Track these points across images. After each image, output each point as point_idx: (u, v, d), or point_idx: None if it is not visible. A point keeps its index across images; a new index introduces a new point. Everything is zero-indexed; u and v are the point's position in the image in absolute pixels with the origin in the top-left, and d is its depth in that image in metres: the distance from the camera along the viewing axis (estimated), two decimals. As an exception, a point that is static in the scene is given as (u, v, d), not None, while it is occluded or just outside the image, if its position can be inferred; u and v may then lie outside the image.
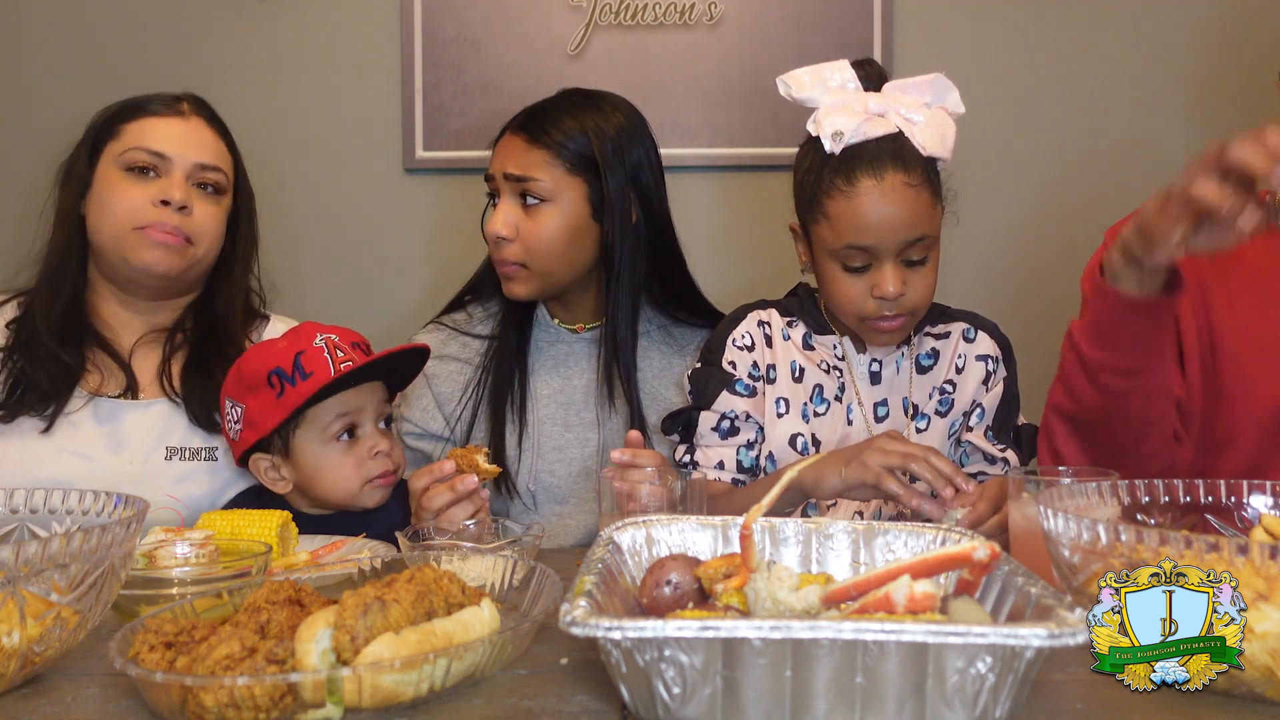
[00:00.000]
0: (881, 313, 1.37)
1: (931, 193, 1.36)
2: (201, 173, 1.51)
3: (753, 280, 1.75)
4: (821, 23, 2.13)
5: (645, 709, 0.74)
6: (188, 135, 1.52)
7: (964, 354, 1.49)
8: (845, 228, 1.34)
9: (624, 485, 1.19)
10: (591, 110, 1.57)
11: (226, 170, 1.55)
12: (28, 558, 0.78)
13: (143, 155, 1.49)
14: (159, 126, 1.51)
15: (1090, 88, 2.16)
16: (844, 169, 1.33)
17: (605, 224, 1.56)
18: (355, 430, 1.41)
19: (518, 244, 1.54)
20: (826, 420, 1.46)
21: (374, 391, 1.43)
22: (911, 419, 1.46)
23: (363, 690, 0.75)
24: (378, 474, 1.41)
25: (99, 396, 1.49)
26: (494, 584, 1.01)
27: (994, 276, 2.17)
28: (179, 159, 1.50)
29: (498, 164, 1.57)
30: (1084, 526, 0.84)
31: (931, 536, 0.97)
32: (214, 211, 1.53)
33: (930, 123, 1.35)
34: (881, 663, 0.70)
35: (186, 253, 1.50)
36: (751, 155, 2.15)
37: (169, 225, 1.47)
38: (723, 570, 0.89)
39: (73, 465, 1.44)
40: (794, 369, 1.48)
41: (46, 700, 0.81)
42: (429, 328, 1.68)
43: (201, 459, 1.50)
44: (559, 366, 1.64)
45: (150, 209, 1.47)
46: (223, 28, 2.18)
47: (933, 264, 1.39)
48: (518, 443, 1.59)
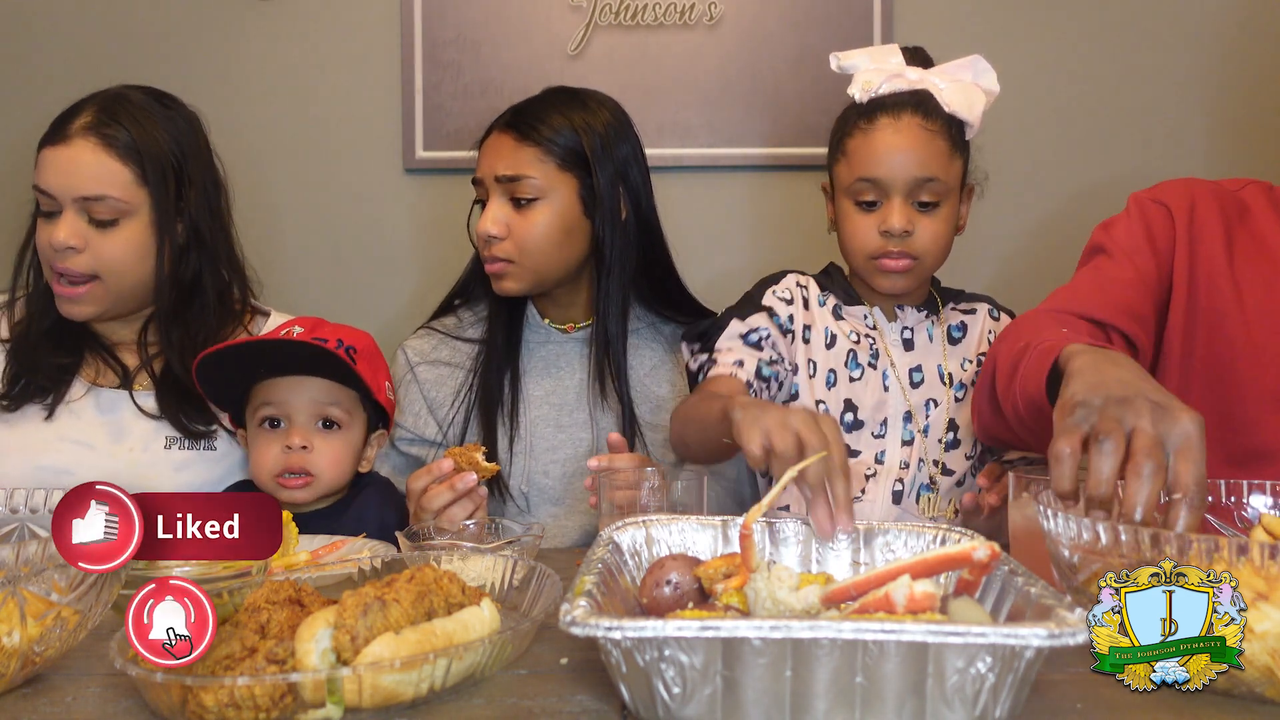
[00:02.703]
0: (887, 249, 1.41)
1: (949, 143, 1.41)
2: (87, 205, 1.42)
3: (752, 280, 1.74)
4: (821, 23, 2.13)
5: (645, 709, 0.74)
6: (69, 164, 1.42)
7: (993, 330, 1.54)
8: (859, 161, 1.41)
9: (620, 493, 1.19)
10: (578, 107, 1.57)
11: (118, 194, 1.43)
12: (28, 558, 0.78)
13: (39, 194, 1.45)
14: (47, 159, 1.44)
15: (1090, 88, 2.16)
16: (867, 112, 1.42)
17: (596, 220, 1.56)
18: (282, 422, 1.42)
19: (509, 241, 1.54)
20: (862, 385, 1.48)
21: (310, 390, 1.41)
22: (949, 386, 1.49)
23: (363, 690, 0.75)
24: (282, 468, 1.40)
25: (98, 386, 1.50)
26: (494, 584, 1.01)
27: (993, 271, 2.17)
28: (63, 195, 1.42)
29: (486, 166, 1.56)
30: (1084, 526, 0.84)
31: (931, 536, 0.97)
32: (116, 240, 1.44)
33: (959, 87, 1.42)
34: (881, 663, 0.70)
35: (95, 293, 1.45)
36: (751, 155, 2.15)
37: (61, 268, 1.43)
38: (723, 570, 0.89)
39: (75, 454, 1.45)
40: (827, 335, 1.50)
41: (46, 700, 0.81)
42: (419, 333, 1.68)
43: (200, 447, 1.51)
44: (550, 367, 1.64)
45: (51, 252, 1.43)
46: (223, 28, 2.17)
47: (945, 216, 1.43)
48: (510, 445, 1.59)
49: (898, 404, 1.48)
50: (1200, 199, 1.43)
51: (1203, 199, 1.44)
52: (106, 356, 1.52)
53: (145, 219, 1.46)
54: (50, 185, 1.43)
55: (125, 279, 1.46)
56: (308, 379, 1.42)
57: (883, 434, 1.47)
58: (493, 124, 1.60)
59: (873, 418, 1.47)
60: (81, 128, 1.44)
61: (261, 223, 1.63)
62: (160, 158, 1.47)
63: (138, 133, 1.46)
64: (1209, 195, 1.44)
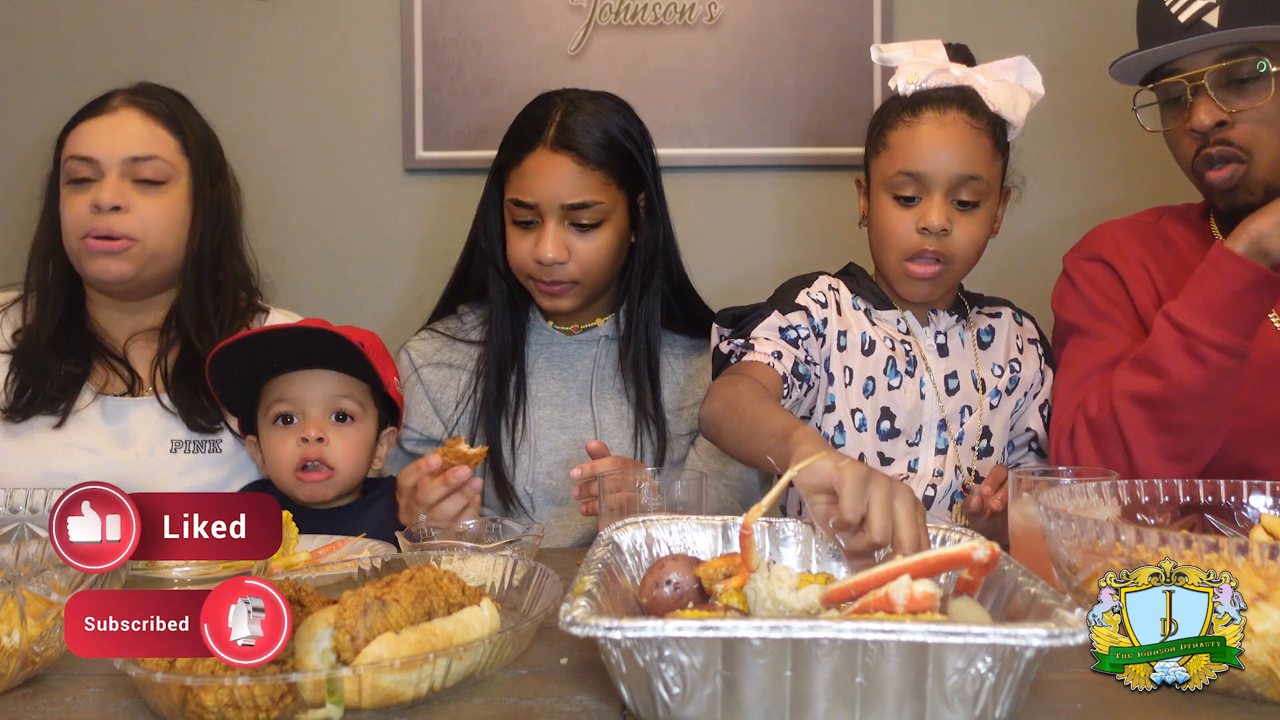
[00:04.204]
0: (923, 247, 1.38)
1: (993, 143, 1.39)
2: (134, 166, 1.46)
3: (752, 280, 1.75)
4: (821, 23, 2.13)
5: (645, 709, 0.74)
6: (115, 130, 1.46)
7: (1019, 335, 1.53)
8: (901, 154, 1.38)
9: (614, 495, 1.19)
10: (621, 118, 1.55)
11: (166, 156, 1.48)
12: (28, 558, 0.78)
13: (76, 164, 1.46)
14: (86, 130, 1.47)
15: (1090, 88, 2.16)
16: (911, 104, 1.39)
17: (649, 230, 1.56)
18: (295, 418, 1.43)
19: (572, 264, 1.51)
20: (900, 393, 1.44)
21: (322, 383, 1.43)
22: (983, 393, 1.47)
23: (363, 690, 0.75)
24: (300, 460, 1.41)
25: (105, 395, 1.50)
26: (494, 584, 1.01)
27: (994, 270, 2.17)
28: (107, 158, 1.45)
29: (545, 191, 1.48)
30: (1084, 526, 0.85)
31: (931, 536, 0.97)
32: (159, 203, 1.47)
33: (1003, 87, 1.40)
34: (881, 663, 0.70)
35: (134, 253, 1.46)
36: (751, 155, 2.15)
37: (104, 230, 1.44)
38: (723, 570, 0.89)
39: (82, 460, 1.45)
40: (865, 341, 1.45)
41: (46, 700, 0.81)
42: (421, 335, 1.68)
43: (205, 451, 1.51)
44: (553, 369, 1.64)
45: (88, 217, 1.45)
46: (223, 27, 2.17)
47: (983, 218, 1.40)
48: (514, 447, 1.59)
49: (933, 411, 1.44)
50: (1124, 242, 1.50)
51: (1127, 241, 1.50)
52: (114, 363, 1.52)
53: (184, 189, 1.50)
54: (95, 149, 1.45)
55: (164, 244, 1.48)
56: (319, 372, 1.43)
57: (917, 442, 1.44)
58: (528, 140, 1.52)
59: (908, 426, 1.44)
60: (123, 100, 1.50)
61: (261, 222, 1.63)
62: (196, 134, 1.53)
63: (176, 106, 1.53)
64: (1130, 236, 1.51)
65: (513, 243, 1.54)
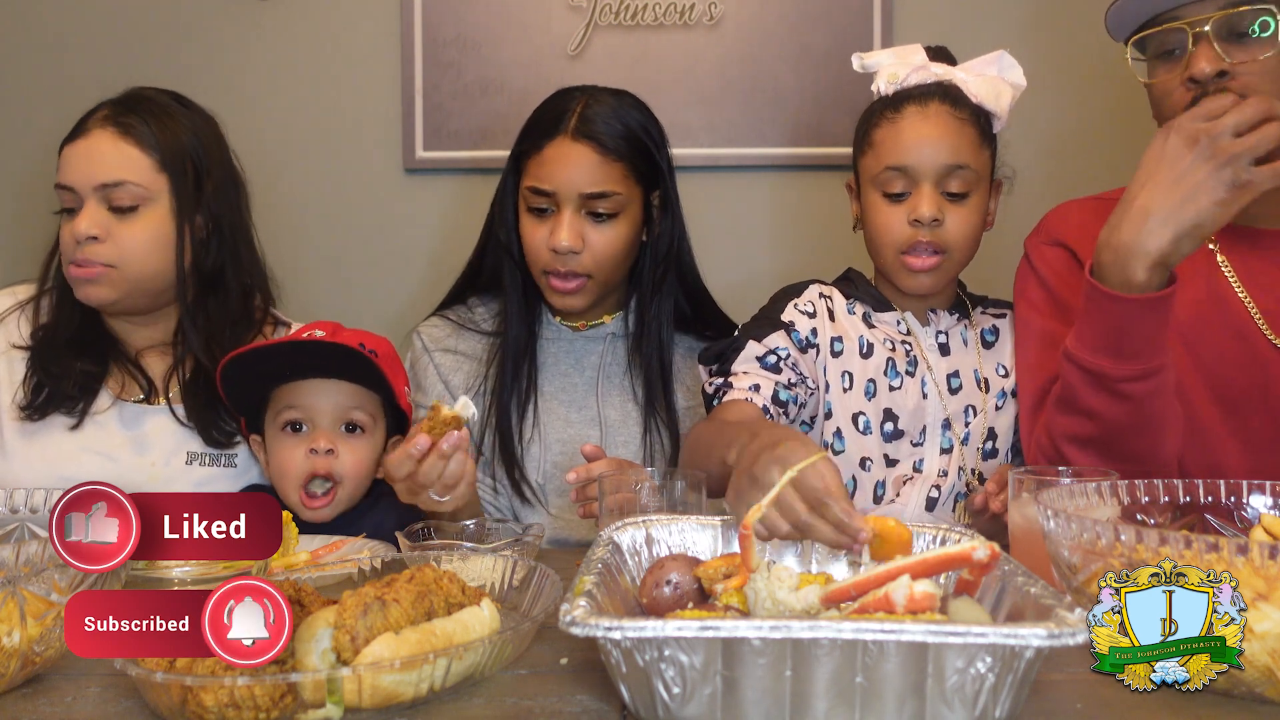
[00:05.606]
0: (917, 239, 1.38)
1: (978, 133, 1.39)
2: (108, 192, 1.43)
3: (752, 280, 1.75)
4: (821, 23, 2.13)
5: (645, 709, 0.74)
6: (88, 156, 1.44)
7: None
8: (886, 150, 1.39)
9: (613, 497, 1.19)
10: (638, 112, 1.55)
11: (138, 179, 1.45)
12: (28, 558, 0.78)
13: (61, 192, 1.46)
14: (67, 156, 1.46)
15: (1090, 89, 2.16)
16: (894, 102, 1.40)
17: (663, 228, 1.56)
18: (305, 427, 1.41)
19: (586, 255, 1.51)
20: (901, 394, 1.44)
21: (334, 393, 1.41)
22: (986, 392, 1.46)
23: (363, 690, 0.75)
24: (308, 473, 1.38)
25: (123, 400, 1.50)
26: (494, 584, 1.01)
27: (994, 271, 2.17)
28: (83, 185, 1.44)
29: (563, 179, 1.49)
30: (1084, 526, 0.85)
31: (931, 536, 0.97)
32: (134, 228, 1.45)
33: (985, 80, 1.41)
34: (881, 663, 0.70)
35: (112, 279, 1.44)
36: (751, 155, 2.15)
37: (81, 259, 1.43)
38: (723, 570, 0.89)
39: (98, 465, 1.45)
40: (862, 344, 1.45)
41: (46, 700, 0.81)
42: (432, 320, 1.67)
43: (221, 465, 1.51)
44: (560, 364, 1.64)
45: (72, 245, 1.44)
46: (223, 28, 2.17)
47: (975, 207, 1.40)
48: (525, 440, 1.59)
49: (936, 411, 1.44)
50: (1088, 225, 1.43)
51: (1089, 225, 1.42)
52: (131, 369, 1.52)
53: (165, 207, 1.47)
54: (70, 178, 1.44)
55: (146, 267, 1.46)
56: (331, 382, 1.41)
57: (921, 442, 1.44)
58: (549, 129, 1.52)
59: (912, 426, 1.43)
60: (99, 120, 1.47)
61: (262, 222, 1.63)
62: (177, 146, 1.49)
63: (154, 123, 1.48)
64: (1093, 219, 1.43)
65: (527, 231, 1.54)
